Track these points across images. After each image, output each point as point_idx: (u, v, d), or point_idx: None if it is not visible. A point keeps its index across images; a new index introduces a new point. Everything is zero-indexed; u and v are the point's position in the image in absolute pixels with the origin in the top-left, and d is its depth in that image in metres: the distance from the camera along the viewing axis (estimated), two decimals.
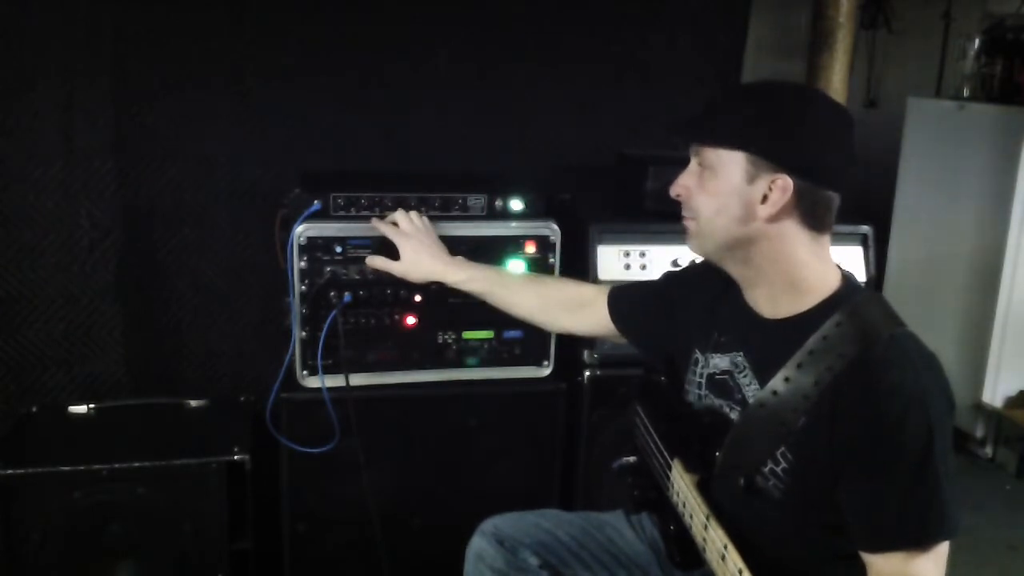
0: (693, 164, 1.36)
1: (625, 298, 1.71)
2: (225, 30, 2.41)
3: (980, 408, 3.17)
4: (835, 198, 1.31)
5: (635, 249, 2.18)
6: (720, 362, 1.43)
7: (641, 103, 2.72)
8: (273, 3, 2.44)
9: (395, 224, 1.93)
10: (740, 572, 1.19)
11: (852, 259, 2.26)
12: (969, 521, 1.23)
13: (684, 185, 1.36)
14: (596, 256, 2.16)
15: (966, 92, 3.27)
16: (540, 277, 1.96)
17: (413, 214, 1.95)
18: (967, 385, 3.15)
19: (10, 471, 1.93)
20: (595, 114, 2.71)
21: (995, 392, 3.14)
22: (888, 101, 3.77)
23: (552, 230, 2.07)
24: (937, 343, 1.28)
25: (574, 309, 1.77)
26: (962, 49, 3.29)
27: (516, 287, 1.86)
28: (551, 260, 2.08)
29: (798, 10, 3.10)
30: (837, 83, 2.54)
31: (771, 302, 1.35)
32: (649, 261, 2.18)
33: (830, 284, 1.32)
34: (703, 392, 1.46)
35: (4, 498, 1.93)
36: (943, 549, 1.21)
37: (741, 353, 1.39)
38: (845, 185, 1.31)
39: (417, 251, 1.89)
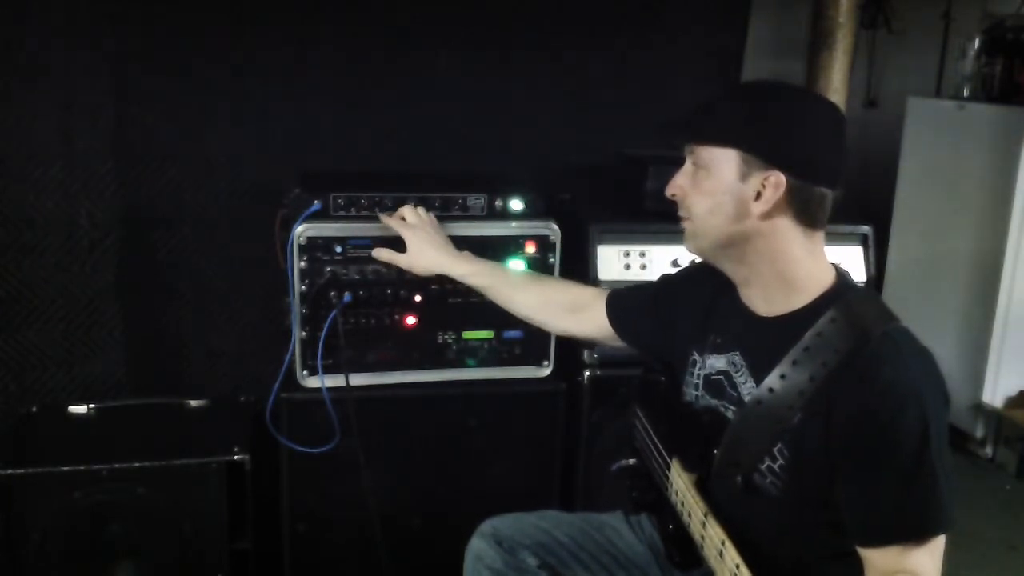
0: (688, 164, 1.37)
1: (622, 302, 1.71)
2: (225, 30, 2.41)
3: (980, 408, 3.17)
4: (828, 195, 1.31)
5: (635, 249, 2.18)
6: (716, 363, 1.43)
7: (641, 103, 2.72)
8: (273, 3, 2.44)
9: (402, 218, 1.94)
10: (737, 567, 1.19)
11: (852, 259, 2.26)
12: (969, 521, 1.23)
13: (679, 185, 1.37)
14: (596, 256, 2.16)
15: (966, 92, 3.27)
16: (544, 277, 1.97)
17: (420, 209, 1.96)
18: (967, 385, 3.15)
19: (10, 471, 1.93)
20: (595, 114, 2.71)
21: (995, 392, 3.14)
22: (888, 101, 3.77)
23: (552, 230, 2.07)
24: (937, 343, 1.29)
25: (574, 311, 1.77)
26: (962, 49, 3.29)
27: (519, 285, 1.86)
28: (551, 260, 2.08)
29: (798, 10, 3.10)
30: (837, 83, 2.55)
31: (766, 300, 1.36)
32: (649, 261, 2.18)
33: (824, 281, 1.33)
34: (700, 393, 1.46)
35: (4, 498, 1.93)
36: (939, 543, 1.22)
37: (737, 353, 1.40)
38: (838, 182, 1.31)
39: (423, 243, 1.90)
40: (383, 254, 1.94)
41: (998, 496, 3.02)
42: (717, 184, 1.31)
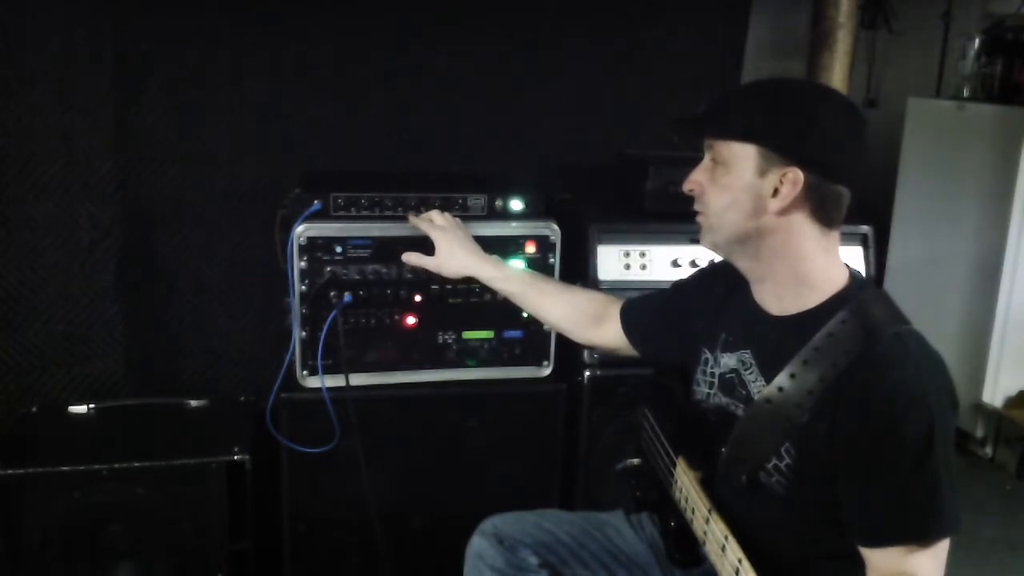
0: (706, 160, 1.36)
1: (636, 312, 1.71)
2: (225, 30, 2.42)
3: (980, 408, 3.16)
4: (845, 194, 1.31)
5: (635, 249, 2.18)
6: (729, 361, 1.43)
7: (641, 103, 2.72)
8: (273, 3, 2.44)
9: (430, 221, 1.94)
10: (740, 561, 1.20)
11: (852, 259, 2.26)
12: (969, 521, 1.23)
13: (697, 180, 1.37)
14: (596, 256, 2.16)
15: (966, 92, 3.27)
16: (571, 286, 1.93)
17: (447, 214, 1.96)
18: (967, 385, 3.15)
19: (10, 471, 1.93)
20: (595, 114, 2.72)
21: (995, 392, 3.14)
22: (888, 101, 3.76)
23: (552, 230, 2.07)
24: (937, 343, 1.28)
25: (597, 321, 1.76)
26: (962, 49, 3.29)
27: (548, 292, 1.83)
28: (551, 260, 2.07)
29: (798, 10, 3.10)
30: (837, 83, 2.54)
31: (779, 298, 1.36)
32: (649, 261, 2.18)
33: (837, 281, 1.33)
34: (713, 391, 1.46)
35: (4, 498, 1.93)
36: (942, 546, 1.22)
37: (748, 351, 1.40)
38: (856, 181, 1.31)
39: (452, 245, 1.89)
40: (412, 257, 1.92)
41: (998, 496, 3.02)
42: (735, 180, 1.31)
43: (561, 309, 1.81)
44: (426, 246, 1.91)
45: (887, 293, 1.35)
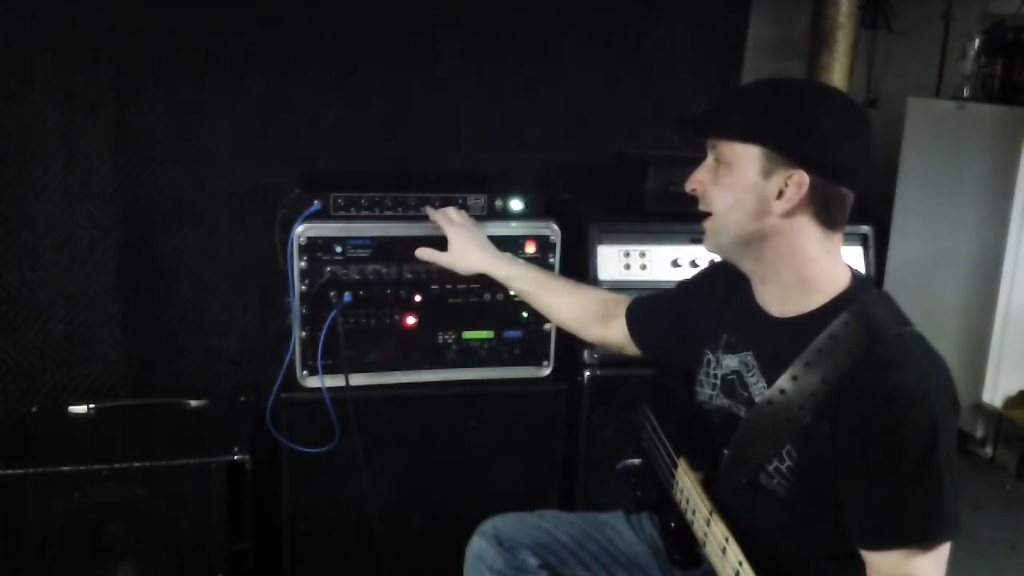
0: (709, 159, 1.36)
1: (641, 312, 1.71)
2: (225, 30, 2.42)
3: (980, 408, 3.16)
4: (849, 196, 1.31)
5: (635, 249, 2.18)
6: (731, 362, 1.43)
7: (641, 103, 2.73)
8: (273, 3, 2.44)
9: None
10: (740, 564, 1.19)
11: (852, 259, 2.26)
12: (969, 521, 1.23)
13: (699, 180, 1.37)
14: (596, 256, 2.16)
15: (966, 92, 3.27)
16: (581, 284, 1.93)
17: (463, 212, 1.97)
18: (967, 385, 3.15)
19: (10, 471, 1.93)
20: (595, 114, 2.71)
21: (995, 392, 3.14)
22: (888, 101, 3.76)
23: (552, 230, 2.07)
24: (937, 343, 1.28)
25: (605, 320, 1.76)
26: (962, 49, 3.29)
27: (559, 291, 1.84)
28: (551, 260, 2.07)
29: (798, 10, 3.10)
30: (837, 83, 2.54)
31: (781, 300, 1.36)
32: (649, 261, 2.18)
33: (839, 283, 1.33)
34: (715, 393, 1.46)
35: (4, 498, 1.93)
36: (944, 549, 1.21)
37: (750, 353, 1.39)
38: (860, 182, 1.31)
39: (467, 242, 1.90)
40: (425, 253, 1.94)
41: (998, 496, 3.02)
42: (739, 180, 1.30)
43: (571, 309, 1.82)
44: (433, 245, 1.92)
45: (889, 294, 1.34)
